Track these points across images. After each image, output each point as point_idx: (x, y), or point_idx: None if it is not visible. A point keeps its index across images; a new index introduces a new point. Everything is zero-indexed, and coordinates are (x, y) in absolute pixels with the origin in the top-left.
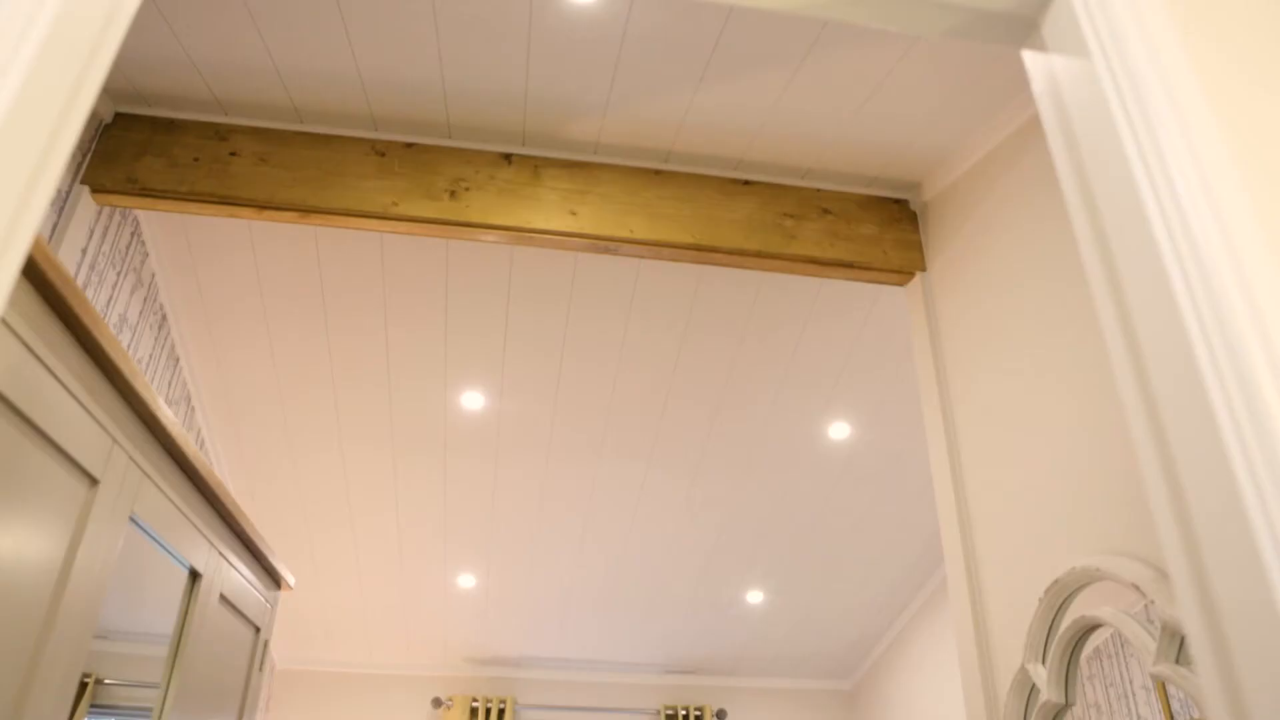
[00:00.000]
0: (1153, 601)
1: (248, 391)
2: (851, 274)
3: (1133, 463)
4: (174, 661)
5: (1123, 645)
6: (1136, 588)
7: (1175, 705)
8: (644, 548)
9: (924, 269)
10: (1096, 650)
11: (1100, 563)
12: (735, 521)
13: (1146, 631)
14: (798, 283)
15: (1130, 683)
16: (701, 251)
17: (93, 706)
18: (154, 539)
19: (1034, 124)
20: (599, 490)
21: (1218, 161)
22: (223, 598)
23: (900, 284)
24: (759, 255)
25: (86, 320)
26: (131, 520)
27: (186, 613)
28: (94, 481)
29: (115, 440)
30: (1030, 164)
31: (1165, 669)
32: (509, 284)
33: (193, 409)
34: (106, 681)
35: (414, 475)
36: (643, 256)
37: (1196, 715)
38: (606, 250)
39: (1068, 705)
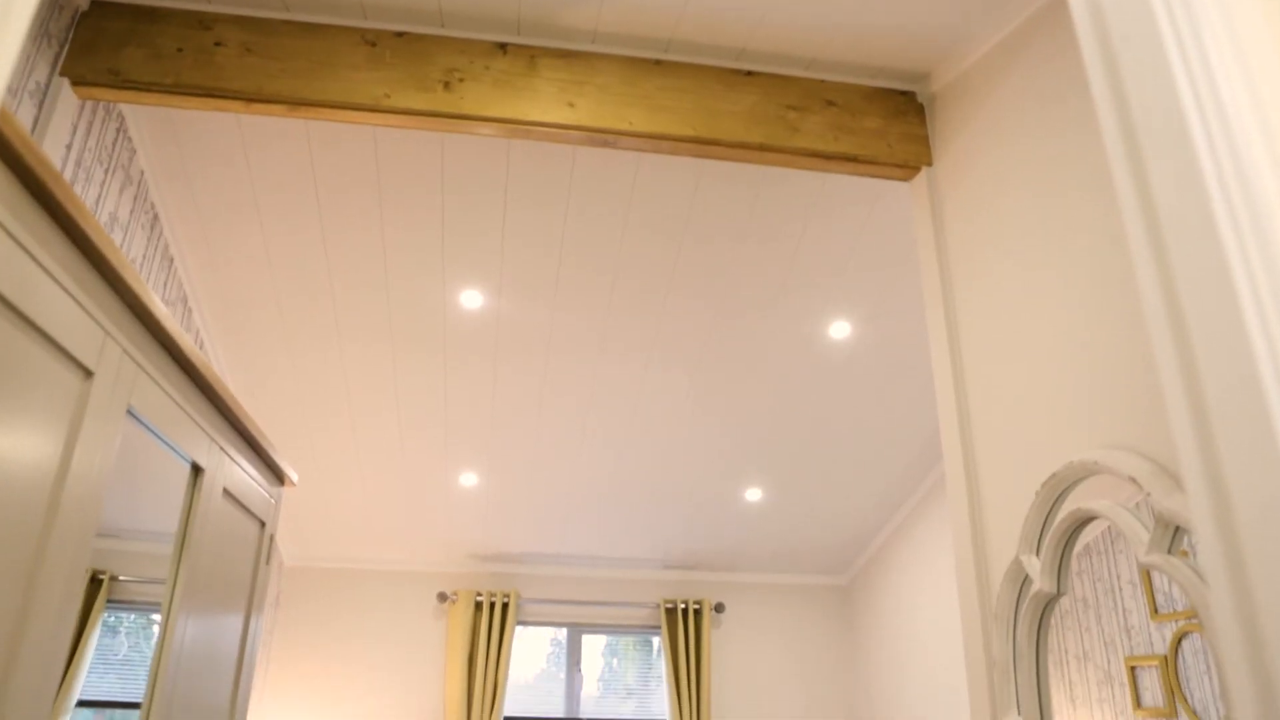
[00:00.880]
0: (1149, 494)
1: (245, 292)
2: (855, 168)
3: (1133, 359)
4: (180, 556)
5: (1111, 542)
6: (1133, 480)
7: (1159, 598)
8: (644, 446)
9: (930, 163)
10: (1086, 548)
11: (1098, 456)
12: (735, 420)
13: (1140, 523)
14: (799, 179)
15: (1117, 578)
16: (702, 145)
17: (109, 602)
18: (153, 433)
19: (1046, 11)
20: (599, 390)
21: (1260, 46)
22: (226, 492)
23: (905, 179)
24: (761, 149)
25: (71, 209)
26: (130, 414)
27: (190, 508)
28: (88, 373)
29: (107, 332)
30: (1043, 54)
31: (1157, 558)
32: (506, 180)
33: (189, 310)
34: (121, 578)
35: (414, 375)
36: (642, 150)
37: (1179, 608)
38: (605, 144)
39: (1059, 594)
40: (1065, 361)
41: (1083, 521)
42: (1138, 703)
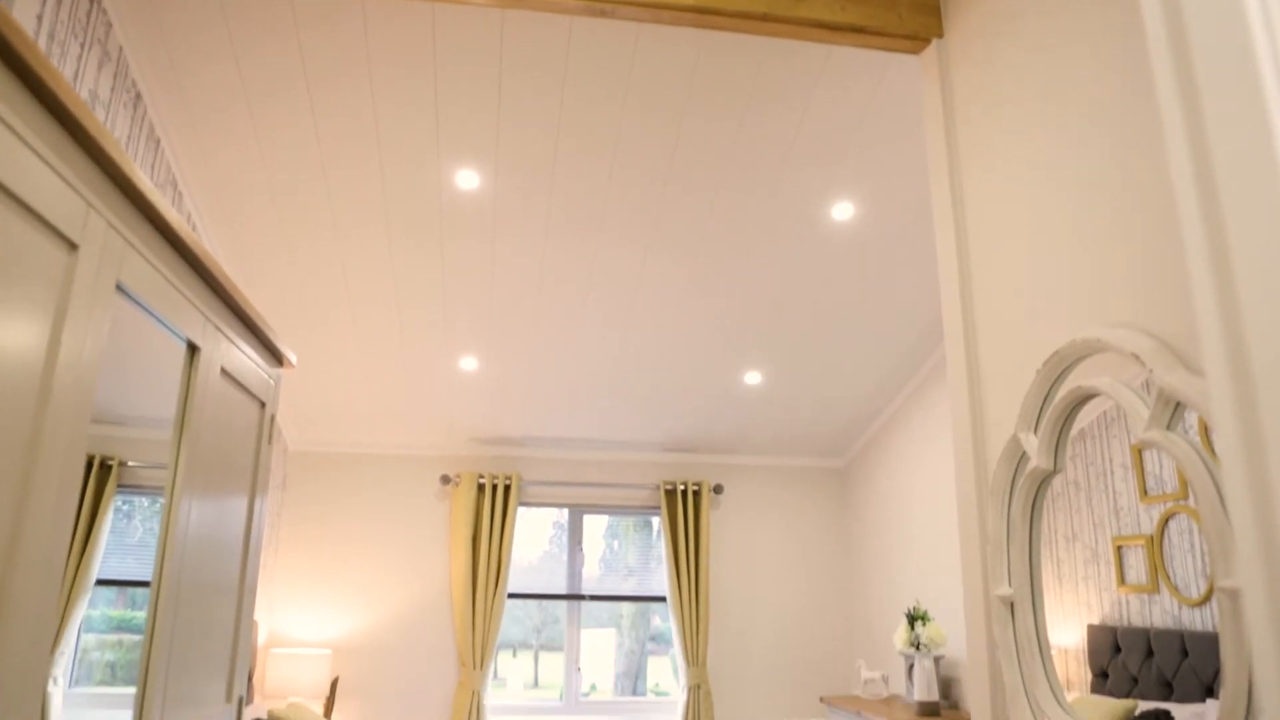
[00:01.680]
0: (1151, 370)
1: (236, 178)
2: (863, 40)
3: (1139, 238)
4: (180, 436)
5: (1106, 428)
6: (1136, 357)
7: (1150, 481)
8: (645, 328)
9: (941, 35)
10: (1081, 433)
11: (1101, 334)
12: (736, 303)
13: (1141, 400)
14: (803, 53)
15: (1110, 461)
16: (703, 15)
17: (120, 487)
18: (145, 309)
19: None
20: (598, 272)
21: None
22: (224, 372)
23: (914, 52)
24: (764, 19)
25: (45, 76)
26: (119, 290)
27: (188, 387)
28: (72, 246)
29: (90, 204)
30: None
31: (1155, 434)
32: (500, 55)
33: (180, 195)
34: (130, 464)
35: (411, 258)
36: (640, 20)
37: (1168, 490)
38: (601, 13)
39: (1054, 471)
40: (1071, 240)
41: (1082, 399)
42: (1122, 579)
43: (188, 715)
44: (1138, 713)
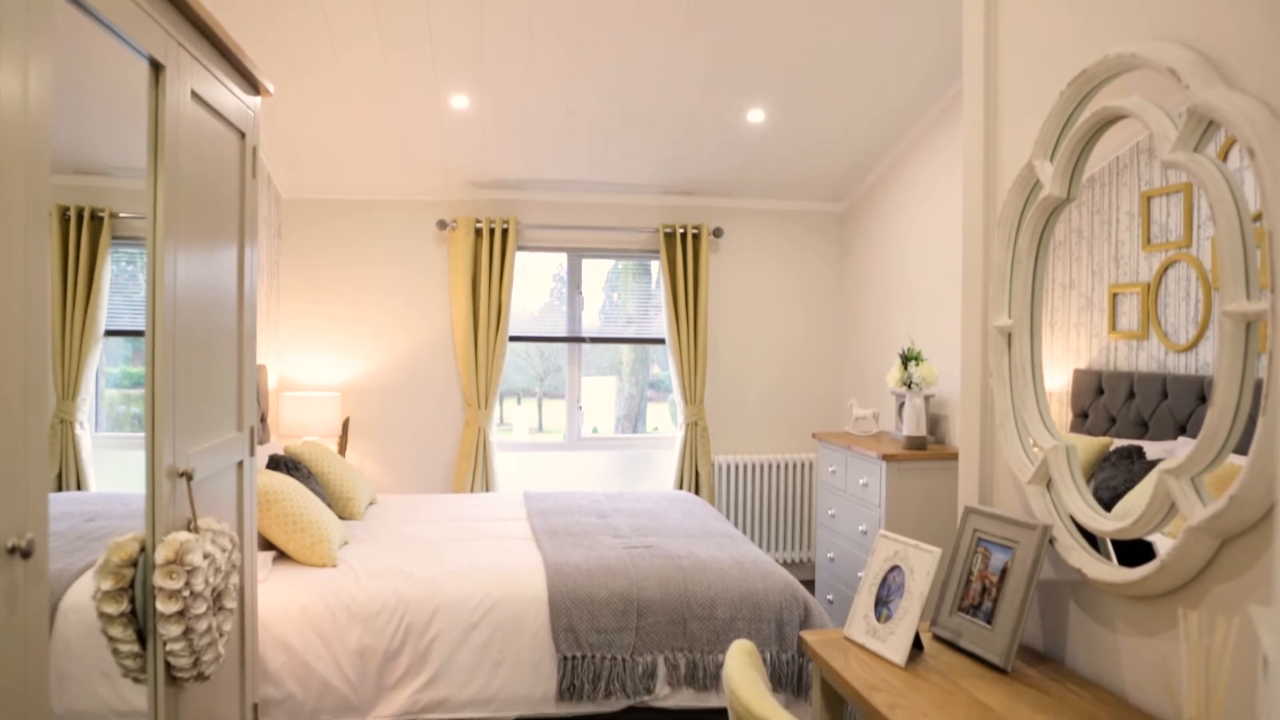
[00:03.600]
0: (1187, 86)
1: None
2: None
3: None
4: (156, 164)
5: (1117, 174)
6: (1172, 72)
7: (1154, 229)
8: (643, 64)
9: None
10: (1091, 179)
11: (1136, 49)
12: (738, 35)
13: (1170, 120)
14: None
15: (1116, 209)
16: None
17: (115, 239)
18: (96, 18)
19: None
20: (593, 4)
21: None
22: (195, 95)
23: None
24: None
25: None
26: None
27: (157, 110)
28: None
29: None
30: None
31: (1181, 155)
32: None
33: None
34: (121, 215)
35: None
36: None
37: (1172, 238)
38: None
39: (1068, 200)
40: None
41: (1106, 122)
42: (1113, 326)
43: (200, 443)
44: (1112, 448)
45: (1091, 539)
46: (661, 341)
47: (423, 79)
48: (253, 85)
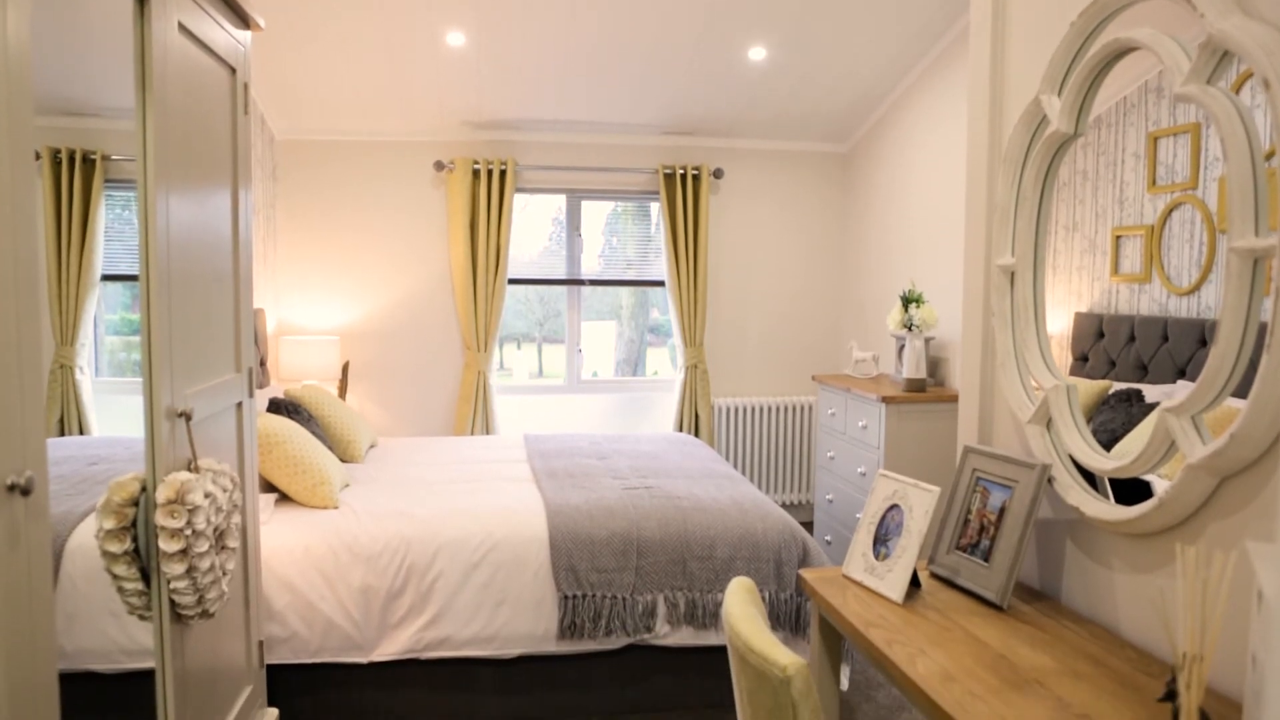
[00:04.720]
0: (1203, 15)
1: None
2: None
3: None
4: (144, 97)
5: (1124, 115)
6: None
7: (1160, 171)
8: (642, 1)
9: None
10: (1097, 119)
11: None
12: None
13: (1184, 52)
14: None
15: (1122, 151)
16: None
17: (108, 181)
18: None
19: None
20: None
21: None
22: (183, 28)
23: None
24: None
25: None
26: None
27: (142, 41)
28: None
29: None
30: None
31: (1194, 88)
32: None
33: None
34: (114, 158)
35: None
36: None
37: (1178, 179)
38: None
39: (1075, 135)
40: None
41: (1116, 54)
42: (1116, 270)
43: (198, 384)
44: (1111, 391)
45: (1089, 479)
46: (661, 284)
47: (417, 12)
48: (243, 19)
